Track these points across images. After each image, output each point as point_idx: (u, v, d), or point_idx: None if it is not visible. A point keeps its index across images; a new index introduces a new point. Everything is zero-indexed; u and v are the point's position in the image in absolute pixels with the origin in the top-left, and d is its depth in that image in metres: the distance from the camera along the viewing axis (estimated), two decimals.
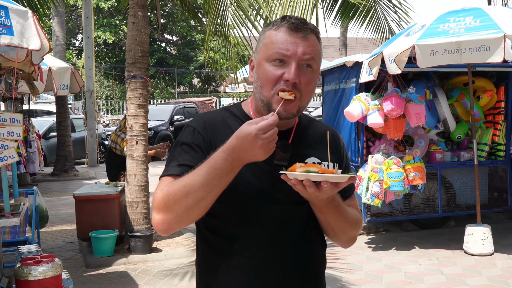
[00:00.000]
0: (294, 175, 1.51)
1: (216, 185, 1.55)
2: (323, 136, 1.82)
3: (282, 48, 1.64)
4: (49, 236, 7.62)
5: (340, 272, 5.82)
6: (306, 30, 1.66)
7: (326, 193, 1.54)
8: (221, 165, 1.53)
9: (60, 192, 11.51)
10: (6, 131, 4.29)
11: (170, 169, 1.67)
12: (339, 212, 1.72)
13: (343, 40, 19.72)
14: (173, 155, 1.72)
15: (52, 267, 4.03)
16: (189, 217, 1.60)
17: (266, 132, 1.48)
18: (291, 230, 1.73)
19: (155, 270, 5.98)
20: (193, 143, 1.70)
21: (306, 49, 1.65)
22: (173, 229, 1.63)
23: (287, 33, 1.66)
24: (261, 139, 1.48)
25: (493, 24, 5.72)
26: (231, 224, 1.71)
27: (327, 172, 1.52)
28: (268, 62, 1.66)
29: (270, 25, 1.73)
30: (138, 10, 6.59)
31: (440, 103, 7.06)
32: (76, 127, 16.32)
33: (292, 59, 1.64)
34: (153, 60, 33.37)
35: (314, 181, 1.51)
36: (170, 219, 1.60)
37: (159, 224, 1.63)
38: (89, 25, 15.36)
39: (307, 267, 1.77)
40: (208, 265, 1.77)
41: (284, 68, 1.64)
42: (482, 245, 6.29)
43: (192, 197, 1.55)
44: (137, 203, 6.60)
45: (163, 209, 1.60)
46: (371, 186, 6.43)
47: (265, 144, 1.49)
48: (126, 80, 6.69)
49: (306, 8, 6.11)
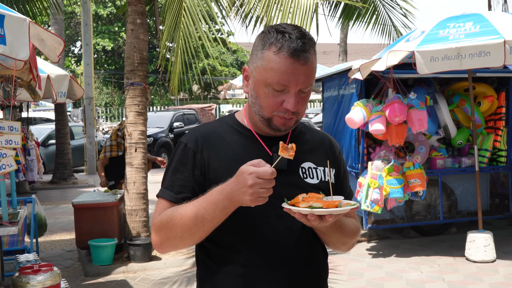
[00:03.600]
0: (298, 211, 1.54)
1: (210, 220, 1.60)
2: (319, 142, 1.86)
3: (284, 79, 1.63)
4: (48, 244, 7.57)
5: (341, 280, 5.78)
6: (307, 55, 1.63)
7: (330, 222, 1.56)
8: (216, 199, 1.58)
9: (59, 200, 11.46)
10: (4, 139, 4.26)
11: (166, 193, 1.73)
12: (341, 231, 1.76)
13: (343, 47, 19.74)
14: (167, 174, 1.77)
15: (51, 276, 3.98)
16: (183, 245, 1.70)
17: (261, 177, 1.49)
18: (291, 239, 1.72)
19: (155, 279, 5.94)
20: (185, 160, 1.74)
21: (306, 78, 1.65)
22: (169, 251, 1.75)
23: (288, 62, 1.62)
24: (252, 180, 1.49)
25: (493, 29, 5.70)
26: (231, 233, 1.70)
27: (331, 205, 1.54)
28: (267, 86, 1.66)
29: (267, 40, 1.66)
30: (137, 17, 6.58)
31: (441, 109, 7.04)
32: (75, 135, 16.29)
33: (292, 89, 1.65)
34: (152, 67, 33.40)
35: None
36: (165, 243, 1.70)
37: (157, 245, 1.73)
38: (88, 32, 15.36)
39: (309, 276, 1.76)
40: (209, 276, 1.75)
41: (284, 95, 1.66)
42: (484, 252, 6.25)
43: (186, 228, 1.62)
44: (136, 211, 6.56)
45: (159, 234, 1.69)
46: (370, 193, 6.40)
47: (255, 187, 1.49)
48: (125, 87, 6.67)
49: (306, 14, 6.09)
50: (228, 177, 1.61)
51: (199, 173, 1.70)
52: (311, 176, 1.77)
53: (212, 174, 1.70)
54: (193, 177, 1.70)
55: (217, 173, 1.70)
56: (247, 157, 1.68)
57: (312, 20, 6.11)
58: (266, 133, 1.76)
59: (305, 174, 1.76)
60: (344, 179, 1.90)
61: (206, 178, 1.70)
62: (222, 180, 1.62)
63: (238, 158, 1.70)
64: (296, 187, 1.68)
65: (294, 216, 1.55)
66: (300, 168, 1.77)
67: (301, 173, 1.76)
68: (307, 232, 1.73)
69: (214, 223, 1.60)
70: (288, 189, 1.66)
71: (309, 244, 1.76)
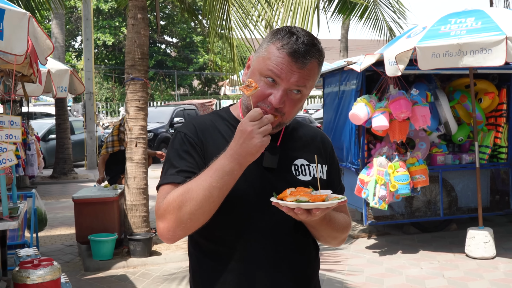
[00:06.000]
0: (285, 204, 1.53)
1: (219, 188, 1.55)
2: (311, 139, 1.86)
3: (276, 70, 1.62)
4: (48, 239, 7.58)
5: (341, 276, 5.78)
6: (305, 61, 1.62)
7: (318, 216, 1.56)
8: (222, 164, 1.55)
9: (59, 194, 11.47)
10: (4, 133, 4.25)
11: (169, 177, 1.67)
12: (331, 225, 1.75)
13: (344, 43, 19.71)
14: (168, 163, 1.72)
15: (51, 270, 3.98)
16: (193, 223, 1.60)
17: (253, 120, 1.52)
18: (282, 233, 1.72)
19: (155, 274, 5.94)
20: (186, 148, 1.71)
21: (300, 79, 1.63)
22: (179, 237, 1.63)
23: (286, 59, 1.62)
24: (248, 125, 1.51)
25: (494, 26, 5.69)
26: (222, 228, 1.70)
27: (318, 199, 1.54)
28: (261, 75, 1.65)
29: (276, 35, 1.67)
30: (138, 12, 6.56)
31: (442, 106, 7.03)
32: (76, 130, 16.28)
33: (282, 85, 1.63)
34: (153, 62, 33.35)
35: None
36: (174, 227, 1.60)
37: (165, 233, 1.63)
38: (88, 27, 15.33)
39: (300, 269, 1.77)
40: (200, 270, 1.76)
41: (274, 89, 1.64)
42: (484, 248, 6.25)
43: (195, 202, 1.55)
44: (136, 206, 6.56)
45: (167, 217, 1.60)
46: (378, 190, 6.38)
47: (255, 129, 1.51)
48: (125, 82, 6.66)
49: (307, 10, 6.07)
50: None
51: (201, 162, 1.69)
52: (303, 173, 1.77)
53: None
54: (199, 164, 1.68)
55: None
56: None
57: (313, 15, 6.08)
58: None
59: (297, 171, 1.76)
60: (336, 175, 1.90)
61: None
62: None
63: None
64: (289, 184, 1.67)
65: (282, 210, 1.55)
66: (293, 165, 1.77)
67: (293, 170, 1.76)
68: (299, 227, 1.74)
69: (223, 190, 1.56)
70: (280, 186, 1.65)
71: (301, 239, 1.77)
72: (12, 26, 3.51)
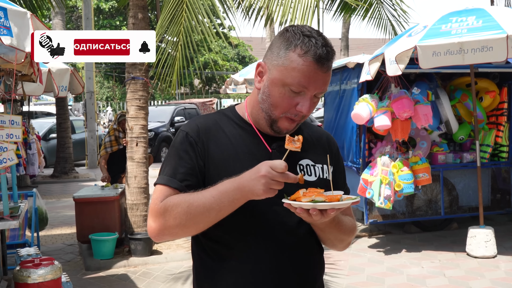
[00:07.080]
0: (300, 205, 1.53)
1: (218, 210, 1.58)
2: (317, 139, 1.86)
3: (305, 82, 1.63)
4: (49, 238, 7.58)
5: (342, 275, 5.78)
6: (329, 64, 1.65)
7: (331, 217, 1.56)
8: (226, 189, 1.57)
9: (60, 194, 11.46)
10: (5, 133, 4.25)
11: (166, 179, 1.69)
12: (339, 227, 1.75)
13: (345, 41, 19.68)
14: (167, 161, 1.74)
15: (52, 270, 3.99)
16: (184, 234, 1.67)
17: (274, 169, 1.51)
18: (287, 234, 1.72)
19: (156, 273, 5.94)
20: (186, 147, 1.71)
21: (324, 84, 1.67)
22: (165, 240, 1.71)
23: (312, 67, 1.63)
24: (266, 170, 1.51)
25: (495, 24, 5.68)
26: (226, 229, 1.69)
27: (333, 199, 1.55)
28: (285, 86, 1.65)
29: (292, 41, 1.65)
30: (138, 11, 6.56)
31: (443, 104, 7.02)
32: (76, 129, 16.27)
33: (308, 93, 1.65)
34: None
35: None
36: (164, 231, 1.65)
37: (153, 232, 1.68)
38: (89, 26, 15.32)
39: (305, 271, 1.76)
40: (204, 270, 1.76)
41: (299, 97, 1.66)
42: (485, 247, 6.24)
43: (191, 216, 1.59)
44: (137, 205, 6.56)
45: (160, 221, 1.64)
46: (383, 190, 6.37)
47: (268, 177, 1.51)
48: (126, 81, 6.65)
49: (308, 8, 6.06)
50: (226, 169, 1.63)
51: (201, 163, 1.69)
52: (309, 173, 1.77)
53: (211, 165, 1.69)
54: (197, 165, 1.69)
55: (215, 165, 1.69)
56: (245, 151, 1.69)
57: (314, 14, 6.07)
58: (266, 132, 1.75)
59: (303, 171, 1.76)
60: (341, 177, 1.90)
61: (206, 168, 1.70)
62: (220, 172, 1.64)
63: (237, 151, 1.70)
64: (294, 184, 1.65)
65: (294, 211, 1.55)
66: (298, 166, 1.76)
67: (299, 171, 1.75)
68: (303, 229, 1.73)
69: (220, 214, 1.59)
70: (285, 187, 1.63)
71: (305, 240, 1.76)
72: (18, 24, 3.53)
